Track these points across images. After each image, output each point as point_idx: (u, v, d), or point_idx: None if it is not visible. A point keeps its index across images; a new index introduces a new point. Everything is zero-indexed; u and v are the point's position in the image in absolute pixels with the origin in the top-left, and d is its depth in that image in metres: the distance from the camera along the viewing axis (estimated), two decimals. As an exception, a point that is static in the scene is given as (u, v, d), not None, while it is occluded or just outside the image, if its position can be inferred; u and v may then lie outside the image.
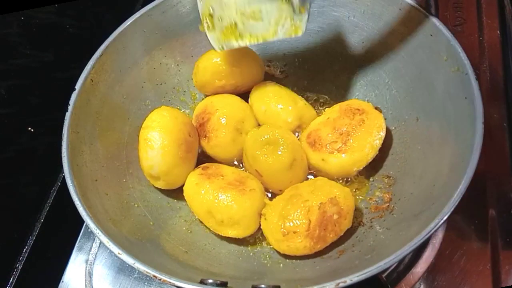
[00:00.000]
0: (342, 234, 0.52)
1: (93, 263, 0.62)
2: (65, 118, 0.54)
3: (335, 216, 0.51)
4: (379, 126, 0.58)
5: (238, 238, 0.56)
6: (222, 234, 0.55)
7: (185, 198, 0.58)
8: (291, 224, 0.51)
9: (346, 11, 0.63)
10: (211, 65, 0.64)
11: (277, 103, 0.62)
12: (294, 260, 0.54)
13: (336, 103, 0.65)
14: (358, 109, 0.59)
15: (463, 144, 0.47)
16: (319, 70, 0.69)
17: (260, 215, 0.55)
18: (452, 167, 0.47)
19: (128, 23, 0.62)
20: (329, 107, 0.67)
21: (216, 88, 0.65)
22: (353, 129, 0.57)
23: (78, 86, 0.56)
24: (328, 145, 0.58)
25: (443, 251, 0.58)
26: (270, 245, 0.55)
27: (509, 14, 0.78)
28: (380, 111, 0.61)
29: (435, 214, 0.43)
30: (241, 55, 0.64)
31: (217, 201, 0.54)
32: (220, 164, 0.61)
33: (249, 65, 0.64)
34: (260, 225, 0.56)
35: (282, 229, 0.51)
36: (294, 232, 0.51)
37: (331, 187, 0.54)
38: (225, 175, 0.57)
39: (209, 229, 0.57)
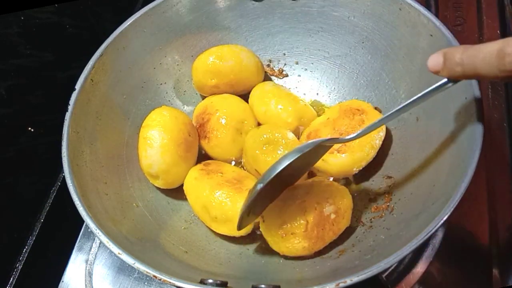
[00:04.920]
0: (341, 233, 0.52)
1: (93, 263, 0.62)
2: (65, 118, 0.54)
3: (333, 216, 0.51)
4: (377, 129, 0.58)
5: (238, 238, 0.56)
6: (216, 231, 0.56)
7: (185, 192, 0.58)
8: (289, 225, 0.51)
9: (346, 11, 0.63)
10: (201, 65, 0.64)
11: (277, 103, 0.62)
12: (294, 260, 0.54)
13: (336, 103, 0.65)
14: (358, 109, 0.59)
15: (463, 144, 0.47)
16: (319, 70, 0.69)
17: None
18: (452, 167, 0.47)
19: (128, 23, 0.62)
20: (329, 107, 0.67)
21: (212, 88, 0.65)
22: (353, 129, 0.57)
23: (78, 86, 0.56)
24: None
25: (443, 251, 0.58)
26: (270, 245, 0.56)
27: (509, 14, 0.78)
28: (380, 111, 0.61)
29: (435, 214, 0.43)
30: (231, 53, 0.64)
31: (212, 197, 0.54)
32: (222, 162, 0.61)
33: (241, 63, 0.64)
34: (255, 226, 0.56)
35: (280, 231, 0.51)
36: (292, 234, 0.51)
37: (327, 187, 0.54)
38: (225, 173, 0.57)
39: (208, 228, 0.57)
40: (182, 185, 0.59)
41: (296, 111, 0.62)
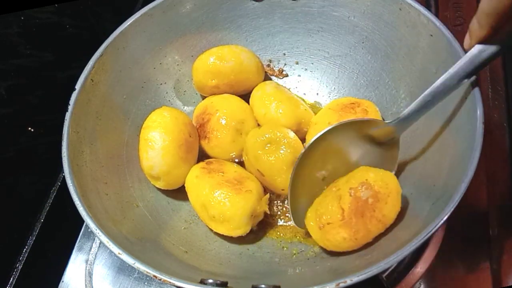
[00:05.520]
0: (389, 221, 0.49)
1: (93, 263, 0.62)
2: (65, 118, 0.54)
3: (370, 200, 0.48)
4: (377, 111, 0.60)
5: (238, 238, 0.56)
6: (214, 230, 0.56)
7: (186, 190, 0.58)
8: (324, 216, 0.49)
9: (346, 11, 0.63)
10: (202, 65, 0.64)
11: (277, 107, 0.62)
12: (293, 260, 0.54)
13: (324, 107, 0.65)
14: (353, 103, 0.60)
15: (463, 144, 0.47)
16: (319, 70, 0.69)
17: (253, 217, 0.55)
18: (452, 167, 0.47)
19: (128, 23, 0.62)
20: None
21: (212, 89, 0.65)
22: None
23: (78, 86, 0.56)
24: None
25: (443, 251, 0.58)
26: (271, 245, 0.56)
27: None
28: None
29: (435, 214, 0.43)
30: (232, 54, 0.64)
31: (211, 197, 0.54)
32: (225, 161, 0.61)
33: (241, 63, 0.64)
34: (252, 227, 0.56)
35: (318, 223, 0.50)
36: (329, 224, 0.48)
37: (366, 172, 0.50)
38: (226, 172, 0.57)
39: (208, 227, 0.57)
40: (182, 185, 0.59)
41: (295, 115, 0.62)
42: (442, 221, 0.42)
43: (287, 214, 0.59)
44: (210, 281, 0.43)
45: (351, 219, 0.48)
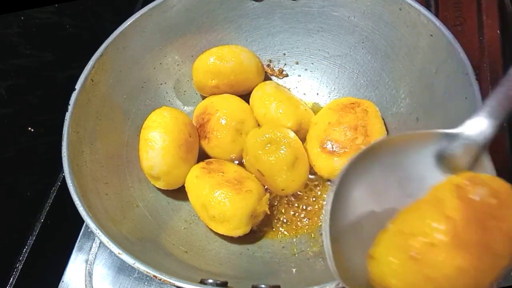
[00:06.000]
0: None
1: (93, 263, 0.62)
2: (65, 118, 0.54)
3: (492, 201, 0.30)
4: (377, 111, 0.60)
5: (238, 238, 0.56)
6: (214, 230, 0.56)
7: (186, 190, 0.58)
8: (420, 236, 0.29)
9: (346, 11, 0.63)
10: (202, 65, 0.64)
11: (277, 107, 0.62)
12: (293, 260, 0.54)
13: (324, 106, 0.65)
14: (353, 103, 0.60)
15: (463, 144, 0.47)
16: (319, 70, 0.69)
17: (253, 217, 0.55)
18: (452, 167, 0.47)
19: (128, 23, 0.62)
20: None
21: (212, 89, 0.65)
22: (364, 120, 0.58)
23: (78, 86, 0.56)
24: (351, 143, 0.57)
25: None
26: (271, 245, 0.56)
27: (509, 14, 0.78)
28: None
29: (435, 214, 0.42)
30: (232, 54, 0.64)
31: (211, 197, 0.54)
32: (225, 161, 0.61)
33: (241, 63, 0.64)
34: (253, 226, 0.55)
35: (408, 251, 0.29)
36: (432, 245, 0.28)
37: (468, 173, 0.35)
38: (226, 172, 0.57)
39: (208, 227, 0.57)
40: (182, 185, 0.59)
41: (296, 116, 0.62)
42: (442, 221, 0.41)
43: (290, 212, 0.59)
44: (210, 281, 0.43)
45: (467, 234, 0.28)
